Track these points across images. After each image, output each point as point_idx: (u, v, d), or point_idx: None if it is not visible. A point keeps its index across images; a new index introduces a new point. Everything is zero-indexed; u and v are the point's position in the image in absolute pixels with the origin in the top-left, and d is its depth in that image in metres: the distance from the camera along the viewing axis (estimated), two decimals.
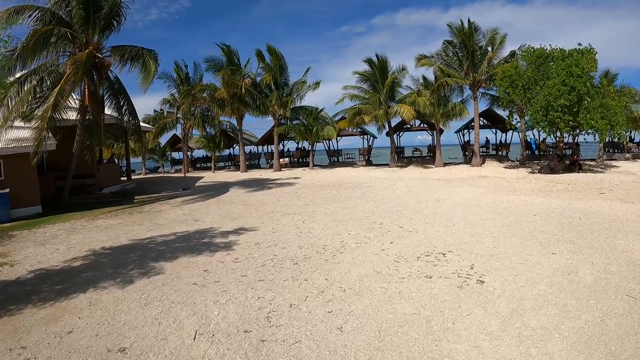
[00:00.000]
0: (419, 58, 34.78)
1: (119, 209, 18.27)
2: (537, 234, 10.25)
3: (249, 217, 14.78)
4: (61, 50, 19.82)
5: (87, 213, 17.18)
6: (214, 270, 8.37)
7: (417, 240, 10.06)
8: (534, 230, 10.62)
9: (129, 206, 19.05)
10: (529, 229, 10.84)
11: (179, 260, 9.14)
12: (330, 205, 16.68)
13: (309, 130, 38.35)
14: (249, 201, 19.06)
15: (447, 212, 13.86)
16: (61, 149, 18.92)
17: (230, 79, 36.62)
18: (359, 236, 10.87)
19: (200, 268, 8.52)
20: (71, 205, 19.30)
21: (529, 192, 18.26)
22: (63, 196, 19.85)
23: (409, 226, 11.78)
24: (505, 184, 21.65)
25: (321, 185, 24.53)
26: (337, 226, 12.34)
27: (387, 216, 13.54)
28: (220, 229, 12.64)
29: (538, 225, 11.28)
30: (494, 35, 33.22)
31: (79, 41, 19.71)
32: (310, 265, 8.51)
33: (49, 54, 19.26)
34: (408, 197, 17.91)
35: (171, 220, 14.80)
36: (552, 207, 14.14)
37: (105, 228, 13.66)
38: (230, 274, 8.10)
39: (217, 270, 8.36)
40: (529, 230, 10.62)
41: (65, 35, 19.19)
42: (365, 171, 33.75)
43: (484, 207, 14.63)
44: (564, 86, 23.93)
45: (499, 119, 38.32)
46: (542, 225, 11.27)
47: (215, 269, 8.42)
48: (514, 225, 11.35)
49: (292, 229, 12.34)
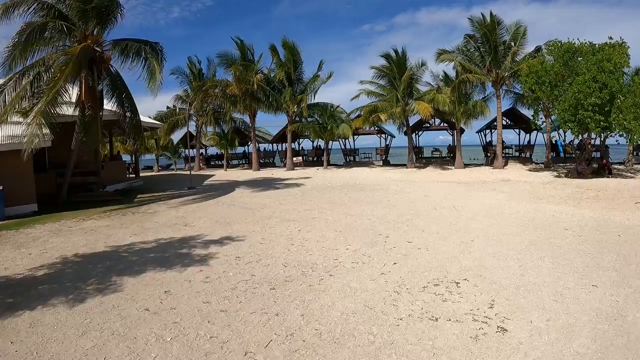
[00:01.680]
0: (439, 53, 33.19)
1: (115, 208, 17.55)
2: (571, 255, 8.63)
3: (242, 222, 13.57)
4: (60, 44, 19.14)
5: (81, 213, 16.49)
6: (176, 291, 7.18)
7: (427, 262, 8.48)
8: (567, 250, 8.99)
9: (127, 206, 18.26)
10: (561, 248, 9.21)
11: (144, 276, 8.07)
12: (335, 210, 15.22)
13: (323, 128, 36.93)
14: (249, 203, 17.91)
15: (465, 223, 12.25)
16: (64, 145, 18.76)
17: (242, 75, 35.38)
18: (358, 253, 9.35)
19: (162, 287, 7.39)
20: (70, 204, 18.77)
21: (556, 200, 16.56)
22: (61, 194, 19.34)
23: (419, 241, 10.21)
24: (530, 190, 19.92)
25: (331, 187, 23.06)
26: (336, 238, 10.85)
27: (395, 226, 12.00)
28: (206, 237, 11.49)
29: (571, 243, 9.65)
30: (518, 29, 31.42)
31: (78, 35, 18.97)
32: (290, 292, 7.07)
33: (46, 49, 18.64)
34: (422, 203, 16.36)
35: (161, 224, 13.79)
36: (585, 219, 12.47)
37: (90, 231, 12.87)
38: (192, 298, 6.85)
39: (180, 292, 7.17)
40: (561, 251, 8.99)
41: (62, 28, 18.46)
42: (381, 172, 32.25)
43: (507, 217, 13.00)
44: (594, 83, 22.05)
45: (523, 118, 36.49)
46: (576, 243, 9.64)
47: (178, 291, 7.21)
48: (543, 242, 9.72)
49: (284, 240, 10.93)
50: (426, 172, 31.88)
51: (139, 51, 20.01)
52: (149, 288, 7.35)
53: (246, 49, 38.37)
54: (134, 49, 19.98)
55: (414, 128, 39.37)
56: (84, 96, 18.68)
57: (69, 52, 17.77)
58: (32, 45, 17.68)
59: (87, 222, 14.49)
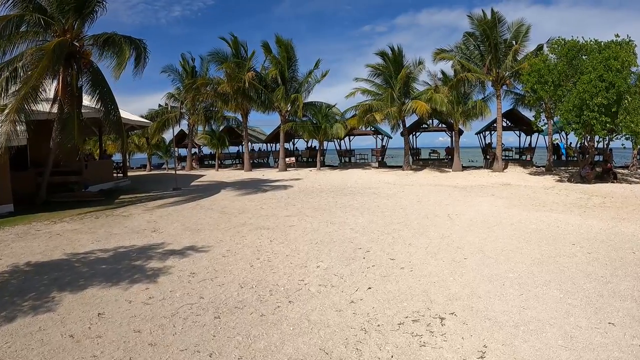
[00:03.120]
0: (437, 52, 31.85)
1: (91, 210, 16.72)
2: (581, 279, 7.26)
3: (213, 229, 12.40)
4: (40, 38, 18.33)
5: (56, 214, 15.77)
6: (110, 314, 6.21)
7: (408, 287, 7.09)
8: (576, 273, 7.62)
9: (104, 208, 17.39)
10: (569, 269, 7.83)
11: (86, 292, 7.17)
12: (317, 217, 13.87)
13: (317, 128, 35.67)
14: (228, 207, 16.70)
15: (459, 235, 10.84)
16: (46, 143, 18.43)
17: (234, 72, 34.17)
18: (329, 272, 7.98)
19: (99, 308, 6.48)
20: (48, 204, 18.14)
21: (560, 207, 15.20)
22: (40, 194, 18.57)
23: (403, 258, 8.81)
24: (532, 195, 18.56)
25: (320, 190, 21.71)
26: (309, 252, 9.49)
27: (379, 238, 10.61)
28: (168, 246, 10.39)
29: (580, 262, 8.28)
30: (519, 28, 30.10)
31: (57, 29, 18.18)
32: (236, 322, 5.81)
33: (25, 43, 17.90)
34: (414, 210, 14.99)
35: (129, 229, 12.82)
36: (593, 231, 11.11)
37: (55, 235, 12.05)
38: (124, 324, 5.84)
39: (115, 315, 6.19)
40: (569, 273, 7.61)
41: (39, 22, 17.65)
42: (375, 174, 30.93)
43: (506, 228, 11.63)
44: (601, 82, 20.64)
45: (524, 120, 35.10)
46: (585, 262, 8.27)
47: (113, 314, 6.23)
48: (548, 261, 8.34)
49: (250, 252, 9.62)
50: (422, 174, 30.51)
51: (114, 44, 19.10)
52: (85, 308, 6.47)
53: (239, 46, 37.32)
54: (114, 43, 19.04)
55: (411, 129, 38.08)
56: (61, 92, 17.91)
57: (44, 47, 16.91)
58: (8, 40, 17.08)
59: (57, 225, 13.72)
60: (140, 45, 19.83)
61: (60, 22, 18.21)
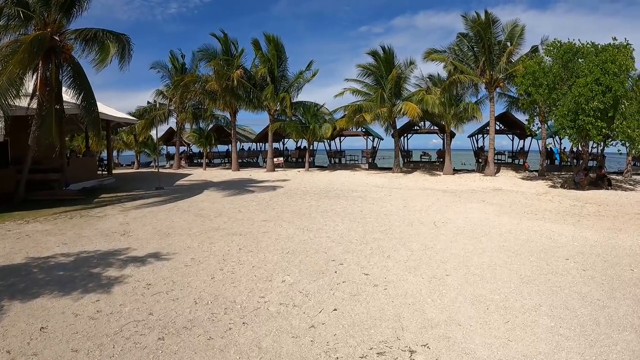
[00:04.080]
0: (428, 52, 31.02)
1: (68, 210, 16.17)
2: (575, 303, 6.44)
3: (183, 234, 11.63)
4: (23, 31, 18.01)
5: (32, 213, 15.34)
6: (53, 329, 5.71)
7: (379, 308, 6.25)
8: (570, 294, 6.80)
9: (81, 207, 16.79)
10: (562, 290, 7.01)
11: (36, 302, 6.68)
12: (295, 223, 13.03)
13: (305, 128, 34.85)
14: (206, 210, 15.94)
15: (444, 246, 10.00)
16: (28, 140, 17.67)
17: (223, 70, 33.33)
18: (294, 288, 7.14)
19: (43, 321, 5.97)
20: (27, 202, 17.65)
21: (553, 216, 14.43)
22: (18, 192, 17.96)
23: (379, 273, 7.95)
24: (523, 202, 17.79)
25: (304, 192, 20.86)
26: (278, 263, 8.65)
27: (356, 249, 9.74)
28: (132, 252, 9.71)
29: (574, 281, 7.46)
30: (514, 29, 29.35)
31: (39, 22, 17.68)
32: (179, 347, 5.12)
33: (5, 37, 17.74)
34: (399, 216, 14.15)
35: (99, 231, 12.18)
36: (589, 244, 10.32)
37: (24, 236, 11.60)
38: (63, 342, 5.33)
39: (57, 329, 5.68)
40: (562, 295, 6.80)
41: (18, 15, 17.28)
42: (364, 176, 30.15)
43: (495, 238, 10.80)
44: (598, 86, 19.88)
45: (517, 123, 34.33)
46: (580, 281, 7.46)
47: (57, 328, 5.72)
48: (539, 280, 7.51)
49: (216, 262, 8.81)
50: (412, 177, 29.73)
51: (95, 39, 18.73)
52: (30, 320, 6.00)
53: (230, 44, 36.42)
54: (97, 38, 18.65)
55: (402, 130, 37.34)
56: (39, 87, 17.35)
57: (20, 40, 16.32)
58: None
59: (29, 225, 13.28)
60: (124, 40, 19.32)
61: (42, 15, 17.66)
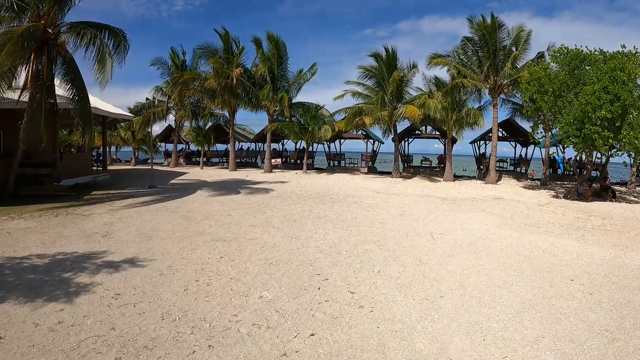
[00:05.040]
0: (432, 57, 30.30)
1: (55, 206, 15.77)
2: (581, 334, 5.76)
3: (165, 238, 11.07)
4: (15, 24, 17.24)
5: (19, 209, 15.09)
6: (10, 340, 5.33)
7: (362, 336, 5.55)
8: (575, 323, 6.12)
9: (69, 204, 16.37)
10: (566, 318, 6.32)
11: None
12: (284, 229, 12.37)
13: (304, 129, 34.24)
14: (194, 211, 15.36)
15: (440, 261, 9.29)
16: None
17: (222, 68, 32.73)
18: (271, 307, 6.47)
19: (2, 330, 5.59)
20: (16, 197, 17.32)
21: (556, 229, 13.76)
22: (7, 186, 17.53)
23: (366, 291, 7.25)
24: (525, 213, 17.11)
25: (298, 196, 20.21)
26: (258, 275, 7.98)
27: (345, 262, 9.04)
28: (108, 256, 9.17)
29: (580, 307, 6.78)
30: (520, 33, 28.66)
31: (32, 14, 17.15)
32: None
33: None
34: (394, 225, 13.45)
35: (81, 231, 11.76)
36: (595, 262, 9.65)
37: (4, 234, 11.29)
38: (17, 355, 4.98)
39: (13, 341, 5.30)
40: (567, 323, 6.11)
41: (11, 5, 16.67)
42: (362, 180, 29.49)
43: (495, 254, 10.11)
44: (605, 94, 19.17)
45: (520, 131, 33.69)
46: (586, 307, 6.79)
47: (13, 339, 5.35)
48: (542, 305, 6.82)
49: (193, 271, 8.20)
50: (412, 183, 29.07)
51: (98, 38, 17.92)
52: None
53: (231, 41, 35.81)
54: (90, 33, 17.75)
55: (403, 135, 36.69)
56: (31, 81, 16.84)
57: (11, 30, 15.82)
58: None
59: (13, 221, 12.95)
60: (120, 34, 18.72)
61: (36, 7, 17.13)
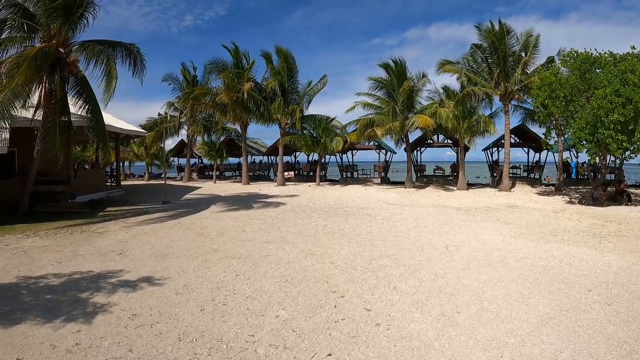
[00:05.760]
0: (441, 63, 30.28)
1: (70, 224, 15.94)
2: (600, 348, 5.69)
3: (180, 256, 11.11)
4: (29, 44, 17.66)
5: (34, 226, 15.31)
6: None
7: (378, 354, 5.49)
8: (593, 336, 6.06)
9: (84, 222, 16.48)
10: (584, 331, 6.27)
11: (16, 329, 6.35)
12: (298, 245, 12.38)
13: (316, 141, 34.33)
14: (208, 228, 15.44)
15: (456, 275, 9.25)
16: None
17: (233, 83, 32.99)
18: (287, 326, 6.47)
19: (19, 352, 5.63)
20: (30, 215, 17.59)
21: (572, 237, 13.66)
22: (22, 204, 17.88)
23: (382, 308, 7.22)
24: (541, 220, 17.00)
25: (312, 210, 20.24)
26: (274, 294, 7.99)
27: (360, 278, 9.01)
28: (124, 276, 9.25)
29: (598, 319, 6.73)
30: (529, 38, 28.56)
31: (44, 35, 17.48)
32: None
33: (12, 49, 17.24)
34: (409, 238, 13.42)
35: (96, 249, 11.86)
36: (612, 271, 9.56)
37: (21, 252, 11.49)
38: None
39: None
40: (585, 337, 6.06)
41: (22, 27, 17.12)
42: (375, 191, 29.43)
43: (511, 266, 10.03)
44: (617, 97, 19.01)
45: (533, 136, 33.50)
46: (604, 319, 6.73)
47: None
48: (559, 319, 6.77)
49: (209, 290, 8.23)
50: (425, 193, 28.97)
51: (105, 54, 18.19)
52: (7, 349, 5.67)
53: (241, 56, 36.24)
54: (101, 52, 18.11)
55: (415, 144, 36.61)
56: (44, 100, 17.24)
57: (25, 53, 16.18)
58: None
59: (28, 239, 13.15)
60: (134, 50, 19.07)
61: (47, 27, 17.46)
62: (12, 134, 16.78)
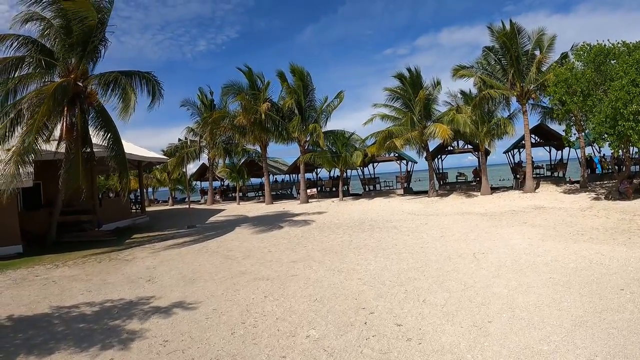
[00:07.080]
0: (456, 69, 30.18)
1: (97, 252, 16.63)
2: (635, 350, 5.65)
3: (209, 280, 11.37)
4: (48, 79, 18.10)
5: (62, 256, 15.91)
6: None
7: None
8: (628, 337, 6.03)
9: (111, 249, 17.16)
10: (619, 332, 6.23)
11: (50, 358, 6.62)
12: (325, 263, 12.48)
13: (337, 157, 34.42)
14: (235, 250, 15.73)
15: (485, 283, 9.22)
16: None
17: (249, 104, 33.32)
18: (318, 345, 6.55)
19: None
20: (58, 244, 18.17)
21: (601, 235, 13.52)
22: (49, 234, 18.42)
23: (413, 322, 7.25)
24: (568, 220, 16.84)
25: (337, 226, 20.33)
26: (304, 313, 8.08)
27: (389, 292, 9.05)
28: (155, 302, 9.53)
29: (632, 319, 6.66)
30: (541, 37, 28.35)
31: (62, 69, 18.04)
32: None
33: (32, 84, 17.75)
34: (435, 248, 13.42)
35: (125, 277, 12.28)
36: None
37: (51, 282, 11.97)
38: None
39: None
40: (620, 339, 6.02)
41: (41, 63, 17.56)
42: (399, 203, 29.36)
43: (541, 270, 9.97)
44: (635, 87, 18.75)
45: (553, 134, 33.00)
46: (638, 318, 6.67)
47: None
48: (593, 321, 6.74)
49: (239, 313, 8.37)
50: (449, 200, 28.81)
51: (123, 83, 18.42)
52: None
53: (255, 78, 36.52)
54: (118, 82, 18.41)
55: (436, 152, 36.39)
56: (65, 133, 17.63)
57: (44, 89, 16.55)
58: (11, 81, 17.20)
59: (58, 270, 13.63)
60: (152, 79, 19.41)
61: (65, 62, 17.98)
62: (37, 167, 17.06)
